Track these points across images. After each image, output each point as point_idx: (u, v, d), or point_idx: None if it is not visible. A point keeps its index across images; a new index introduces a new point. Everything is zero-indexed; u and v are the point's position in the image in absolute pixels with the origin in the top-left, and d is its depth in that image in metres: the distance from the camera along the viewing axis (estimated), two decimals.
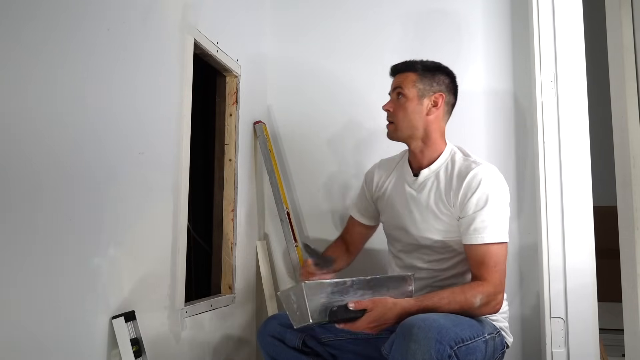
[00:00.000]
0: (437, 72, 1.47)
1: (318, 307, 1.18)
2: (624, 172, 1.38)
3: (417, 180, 1.46)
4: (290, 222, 1.99)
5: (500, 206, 1.35)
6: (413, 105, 1.44)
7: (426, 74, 1.45)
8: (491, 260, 1.31)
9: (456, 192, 1.36)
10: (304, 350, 1.41)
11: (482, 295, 1.27)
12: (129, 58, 1.27)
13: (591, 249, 1.71)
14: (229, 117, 1.88)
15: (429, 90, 1.45)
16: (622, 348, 1.45)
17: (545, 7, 1.82)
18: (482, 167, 1.37)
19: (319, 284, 1.19)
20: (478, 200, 1.33)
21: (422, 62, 1.48)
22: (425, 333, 1.09)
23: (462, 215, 1.36)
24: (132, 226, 1.28)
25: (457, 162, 1.42)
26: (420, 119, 1.44)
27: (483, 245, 1.31)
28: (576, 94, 1.77)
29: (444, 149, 1.46)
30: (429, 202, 1.42)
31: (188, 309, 1.51)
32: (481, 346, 1.22)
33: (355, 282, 1.23)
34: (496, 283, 1.30)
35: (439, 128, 1.46)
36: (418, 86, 1.45)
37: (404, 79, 1.47)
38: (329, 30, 2.19)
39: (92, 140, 1.14)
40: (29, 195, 0.98)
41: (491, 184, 1.34)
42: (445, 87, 1.46)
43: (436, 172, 1.44)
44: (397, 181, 1.54)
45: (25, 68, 0.97)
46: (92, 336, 1.14)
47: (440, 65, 1.49)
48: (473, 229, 1.33)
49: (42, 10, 1.01)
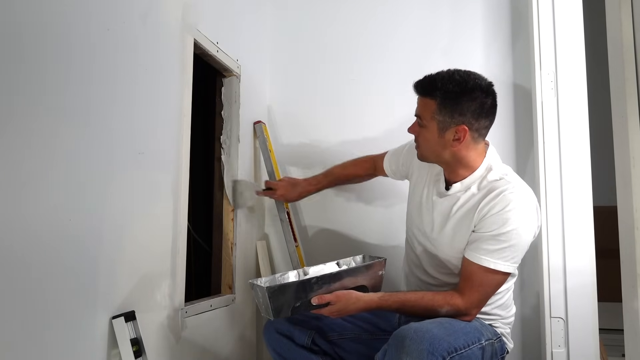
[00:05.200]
0: (461, 98, 1.27)
1: (282, 305, 1.25)
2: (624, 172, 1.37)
3: (448, 192, 1.38)
4: (290, 222, 1.99)
5: (517, 237, 1.25)
6: (434, 137, 1.32)
7: (446, 104, 1.27)
8: (477, 280, 1.27)
9: (482, 208, 1.28)
10: (313, 348, 1.41)
11: (449, 308, 1.26)
12: (129, 58, 1.27)
13: (591, 249, 1.71)
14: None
15: (450, 122, 1.28)
16: (622, 348, 1.44)
17: (545, 7, 1.82)
18: (515, 190, 1.27)
19: (281, 287, 1.25)
20: (496, 222, 1.25)
21: (444, 87, 1.27)
22: (417, 345, 1.09)
23: (477, 229, 1.29)
24: (132, 226, 1.28)
25: (490, 179, 1.32)
26: (444, 150, 1.33)
27: (477, 265, 1.27)
28: (576, 94, 1.77)
29: (479, 164, 1.34)
30: (452, 214, 1.35)
31: (188, 309, 1.51)
32: (477, 353, 1.22)
33: (320, 278, 1.29)
34: (470, 303, 1.27)
35: (471, 151, 1.33)
36: (437, 118, 1.29)
37: (423, 106, 1.33)
38: (329, 29, 2.19)
39: (91, 140, 1.14)
40: (27, 195, 0.98)
41: (516, 212, 1.25)
42: (471, 115, 1.27)
43: (468, 187, 1.34)
44: (431, 183, 1.45)
45: (24, 67, 0.97)
46: (92, 336, 1.14)
47: (466, 87, 1.27)
48: (477, 247, 1.27)
49: (42, 10, 1.01)
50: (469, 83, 1.28)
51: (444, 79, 1.29)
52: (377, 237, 1.88)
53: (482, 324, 1.32)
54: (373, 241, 2.01)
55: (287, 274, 1.40)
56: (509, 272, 1.28)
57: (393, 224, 1.76)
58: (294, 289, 1.25)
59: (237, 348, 1.85)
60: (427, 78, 1.33)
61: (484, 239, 1.27)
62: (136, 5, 1.30)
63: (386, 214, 2.03)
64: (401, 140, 1.65)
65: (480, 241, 1.27)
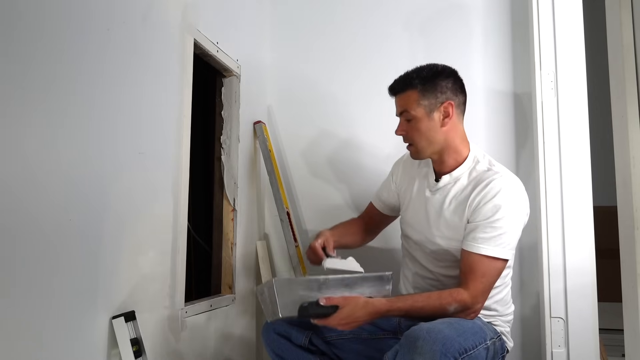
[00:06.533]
0: (437, 80, 1.37)
1: (289, 302, 1.20)
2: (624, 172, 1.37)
3: (438, 185, 1.42)
4: (290, 222, 1.99)
5: (510, 223, 1.30)
6: (425, 123, 1.37)
7: (427, 87, 1.37)
8: (479, 270, 1.28)
9: (473, 199, 1.33)
10: (310, 348, 1.41)
11: (457, 304, 1.26)
12: (129, 58, 1.27)
13: (591, 249, 1.71)
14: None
15: (435, 102, 1.37)
16: (622, 348, 1.44)
17: (545, 7, 1.82)
18: (503, 179, 1.32)
19: (289, 280, 1.23)
20: (489, 210, 1.29)
21: (419, 75, 1.38)
22: (431, 345, 1.09)
23: (471, 220, 1.33)
24: (132, 226, 1.28)
25: (479, 170, 1.37)
26: (436, 133, 1.38)
27: (477, 255, 1.29)
28: (576, 94, 1.77)
29: (467, 155, 1.41)
30: (445, 208, 1.39)
31: (188, 309, 1.51)
32: (482, 353, 1.22)
33: (330, 280, 1.24)
34: (476, 294, 1.28)
35: (458, 133, 1.41)
36: (423, 103, 1.37)
37: (406, 100, 1.39)
38: (329, 29, 2.19)
39: (91, 140, 1.14)
40: (27, 195, 0.98)
41: (507, 199, 1.30)
42: (450, 91, 1.38)
43: (457, 179, 1.39)
44: (421, 180, 1.50)
45: (25, 68, 0.97)
46: (92, 336, 1.14)
47: (437, 70, 1.40)
48: (473, 237, 1.30)
49: (42, 10, 1.01)
50: (437, 67, 1.40)
51: (416, 70, 1.40)
52: (378, 240, 1.87)
53: (483, 323, 1.33)
54: (373, 244, 2.00)
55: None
56: (507, 259, 1.31)
57: (392, 225, 1.76)
58: (301, 285, 1.23)
59: (237, 348, 1.85)
60: (399, 78, 1.42)
61: (480, 228, 1.30)
62: (136, 6, 1.30)
63: None
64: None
65: (476, 231, 1.30)
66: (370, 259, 1.53)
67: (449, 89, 1.38)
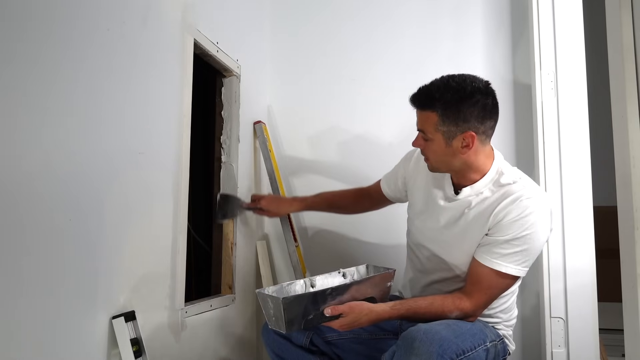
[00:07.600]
0: (462, 105, 1.22)
1: (295, 317, 1.18)
2: (624, 172, 1.37)
3: (458, 197, 1.33)
4: (290, 222, 1.99)
5: (532, 242, 1.23)
6: (442, 148, 1.27)
7: (448, 114, 1.23)
8: (486, 283, 1.26)
9: (498, 212, 1.25)
10: (311, 349, 1.41)
11: (459, 312, 1.26)
12: (129, 58, 1.27)
13: (591, 249, 1.71)
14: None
15: (455, 131, 1.24)
16: (622, 348, 1.44)
17: (545, 7, 1.82)
18: (533, 199, 1.24)
19: (297, 298, 1.18)
20: (515, 229, 1.23)
21: (443, 97, 1.23)
22: (427, 347, 1.09)
23: (490, 234, 1.26)
24: (132, 226, 1.28)
25: (504, 183, 1.28)
26: (453, 158, 1.28)
27: (488, 268, 1.25)
28: (576, 94, 1.77)
29: (490, 167, 1.30)
30: (465, 219, 1.31)
31: (188, 309, 1.51)
32: (482, 355, 1.21)
33: (335, 289, 1.23)
34: (478, 306, 1.27)
35: (481, 155, 1.29)
36: (442, 129, 1.25)
37: (425, 120, 1.27)
38: (329, 29, 2.19)
39: (92, 140, 1.14)
40: (26, 195, 0.98)
41: (537, 222, 1.23)
42: (475, 119, 1.23)
43: (479, 191, 1.30)
44: (433, 189, 1.41)
45: (24, 68, 0.97)
46: (92, 336, 1.14)
47: (465, 94, 1.22)
48: (489, 250, 1.25)
49: (42, 10, 1.01)
50: (466, 88, 1.23)
51: (440, 88, 1.24)
52: (377, 236, 1.88)
53: (485, 325, 1.32)
54: (372, 240, 2.00)
55: (294, 283, 1.34)
56: (519, 276, 1.27)
57: (392, 224, 1.75)
58: (308, 300, 1.19)
59: (237, 348, 1.85)
60: (422, 90, 1.28)
61: (498, 243, 1.25)
62: (136, 6, 1.30)
63: (385, 214, 2.01)
64: (401, 140, 1.65)
65: (494, 245, 1.25)
66: (374, 255, 1.52)
67: (474, 116, 1.23)
